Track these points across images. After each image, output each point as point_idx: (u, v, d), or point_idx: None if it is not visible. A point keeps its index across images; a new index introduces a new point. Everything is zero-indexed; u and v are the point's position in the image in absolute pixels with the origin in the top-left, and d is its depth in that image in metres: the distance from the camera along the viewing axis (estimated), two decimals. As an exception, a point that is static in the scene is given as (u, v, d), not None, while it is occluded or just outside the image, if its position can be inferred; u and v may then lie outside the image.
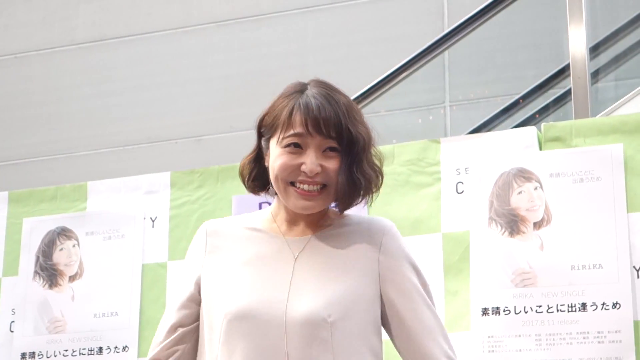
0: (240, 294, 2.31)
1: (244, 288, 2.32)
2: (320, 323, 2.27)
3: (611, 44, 4.97)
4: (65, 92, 7.07)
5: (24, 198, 4.11)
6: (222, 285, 2.34)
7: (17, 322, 3.96)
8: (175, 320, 2.38)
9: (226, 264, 2.37)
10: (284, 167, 2.32)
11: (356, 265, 2.37)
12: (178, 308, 2.39)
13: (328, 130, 2.32)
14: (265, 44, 6.73)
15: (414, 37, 6.12)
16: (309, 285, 2.31)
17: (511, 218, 3.42)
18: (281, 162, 2.33)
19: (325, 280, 2.33)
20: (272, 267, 2.35)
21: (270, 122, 2.37)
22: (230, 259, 2.38)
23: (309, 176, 2.32)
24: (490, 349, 3.34)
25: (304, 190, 2.33)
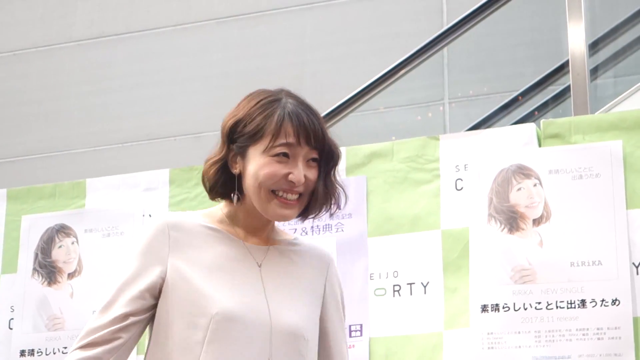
0: (225, 295, 2.30)
1: (224, 290, 2.31)
2: (301, 337, 2.34)
3: (610, 40, 4.97)
4: (64, 90, 7.07)
5: (22, 195, 4.11)
6: (200, 284, 2.31)
7: (16, 319, 3.96)
8: (128, 309, 2.31)
9: (195, 261, 2.34)
10: (272, 176, 2.33)
11: (310, 286, 2.44)
12: (133, 297, 2.32)
13: (316, 142, 2.35)
14: (264, 41, 6.73)
15: (413, 34, 6.11)
16: (282, 297, 2.36)
17: (510, 215, 3.42)
18: (269, 171, 2.33)
19: (294, 296, 2.39)
20: (241, 272, 2.36)
21: (252, 130, 2.36)
22: (198, 257, 2.35)
23: (294, 186, 2.34)
24: (489, 345, 3.34)
25: (286, 200, 2.35)
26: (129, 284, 2.34)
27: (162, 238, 2.36)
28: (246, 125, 2.37)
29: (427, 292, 3.49)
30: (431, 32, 5.19)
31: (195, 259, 2.34)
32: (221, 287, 2.31)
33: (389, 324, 3.51)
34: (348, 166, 3.69)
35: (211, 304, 2.28)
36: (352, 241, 3.60)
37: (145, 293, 2.32)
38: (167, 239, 2.35)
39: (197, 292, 2.30)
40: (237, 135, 2.38)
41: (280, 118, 2.34)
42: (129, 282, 2.34)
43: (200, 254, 2.35)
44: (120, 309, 2.32)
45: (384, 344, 3.49)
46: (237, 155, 2.38)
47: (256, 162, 2.34)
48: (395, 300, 3.52)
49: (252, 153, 2.36)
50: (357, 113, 5.08)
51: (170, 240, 2.35)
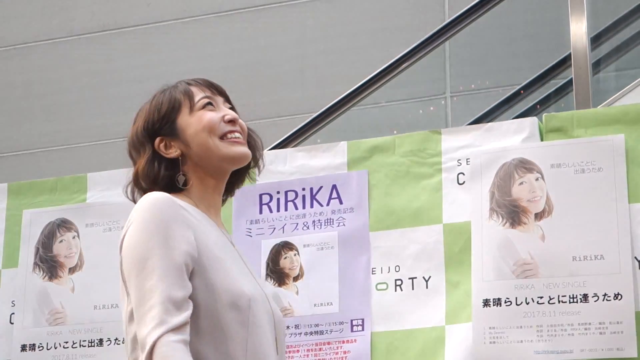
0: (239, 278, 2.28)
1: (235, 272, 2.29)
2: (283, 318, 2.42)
3: (612, 34, 4.96)
4: (65, 83, 7.07)
5: (23, 190, 4.10)
6: (223, 264, 2.27)
7: (17, 314, 3.96)
8: (185, 292, 2.15)
9: (207, 241, 2.28)
10: (211, 121, 2.38)
11: None
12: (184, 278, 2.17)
13: (223, 93, 2.48)
14: (265, 34, 6.73)
15: (415, 27, 6.11)
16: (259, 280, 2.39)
17: (512, 209, 3.42)
18: (206, 118, 2.38)
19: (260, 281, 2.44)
20: (232, 256, 2.35)
21: (167, 109, 2.42)
22: (205, 237, 2.29)
23: (234, 124, 2.40)
24: (491, 340, 3.34)
25: (236, 138, 2.39)
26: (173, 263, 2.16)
27: (177, 210, 2.24)
28: (158, 112, 2.43)
29: (428, 287, 3.49)
30: (433, 25, 5.18)
31: (204, 239, 2.28)
32: (233, 270, 2.28)
33: (391, 319, 3.50)
34: (350, 160, 3.69)
35: (242, 285, 2.24)
36: (354, 235, 3.60)
37: (187, 272, 2.18)
38: (181, 214, 2.25)
39: (226, 274, 2.24)
40: (155, 127, 2.42)
41: (185, 84, 2.46)
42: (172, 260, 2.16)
43: (205, 235, 2.30)
44: (181, 292, 2.15)
45: (386, 339, 3.49)
46: (168, 140, 2.39)
47: (191, 123, 2.39)
48: (397, 294, 3.52)
49: (182, 121, 2.40)
50: (359, 107, 5.07)
51: (186, 221, 2.25)
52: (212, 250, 2.27)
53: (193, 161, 2.39)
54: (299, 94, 6.61)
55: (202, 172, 2.40)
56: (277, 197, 3.73)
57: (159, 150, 2.40)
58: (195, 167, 2.39)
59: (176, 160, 2.38)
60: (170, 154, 2.39)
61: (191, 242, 2.21)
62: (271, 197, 3.74)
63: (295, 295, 3.61)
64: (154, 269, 2.15)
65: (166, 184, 2.38)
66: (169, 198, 2.26)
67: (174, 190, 2.38)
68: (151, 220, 2.22)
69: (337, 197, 3.66)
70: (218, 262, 2.26)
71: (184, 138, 2.39)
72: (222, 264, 2.26)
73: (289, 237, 3.67)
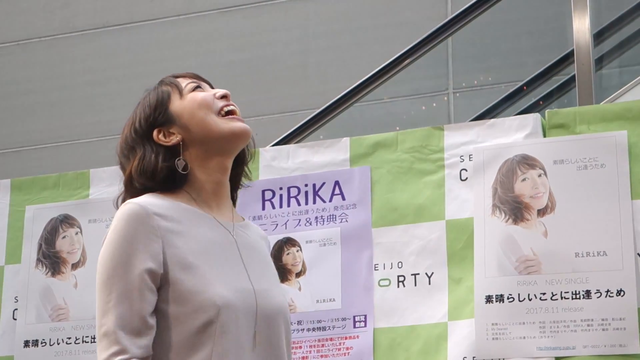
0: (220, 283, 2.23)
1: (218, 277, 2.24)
2: (284, 315, 2.34)
3: (615, 30, 4.96)
4: (67, 80, 7.07)
5: (26, 185, 4.10)
6: (198, 274, 2.22)
7: (20, 310, 3.96)
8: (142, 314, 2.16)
9: (184, 249, 2.24)
10: (205, 99, 2.36)
11: (271, 262, 2.46)
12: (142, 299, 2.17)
13: (206, 81, 2.46)
14: (268, 30, 6.72)
15: (417, 23, 6.10)
16: (261, 277, 2.33)
17: (515, 205, 3.41)
18: (199, 97, 2.37)
19: (269, 274, 2.38)
20: (225, 254, 2.31)
21: (155, 103, 2.39)
22: (186, 243, 2.25)
23: (227, 99, 2.39)
24: (494, 336, 3.34)
25: (232, 112, 2.37)
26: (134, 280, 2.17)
27: (148, 224, 2.22)
28: (149, 106, 2.40)
29: (431, 283, 3.49)
30: (435, 21, 5.18)
31: (184, 245, 2.24)
32: (215, 274, 2.24)
33: (393, 315, 3.50)
34: (352, 156, 3.69)
35: (213, 294, 2.20)
36: (357, 231, 3.60)
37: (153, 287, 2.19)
38: (155, 225, 2.23)
39: (198, 283, 2.21)
40: (149, 121, 2.38)
41: (169, 77, 2.45)
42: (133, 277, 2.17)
43: (187, 239, 2.26)
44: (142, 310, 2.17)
45: (388, 335, 3.49)
46: (166, 129, 2.36)
47: (185, 105, 2.37)
48: (399, 290, 3.52)
49: (174, 107, 2.38)
50: (361, 103, 5.07)
51: (160, 230, 2.23)
52: (186, 259, 2.22)
53: (195, 145, 2.35)
54: (302, 90, 6.60)
55: (203, 155, 2.35)
56: (280, 194, 3.73)
57: (158, 140, 2.36)
58: (197, 152, 2.35)
59: (175, 148, 2.34)
60: (171, 141, 2.35)
61: (156, 258, 2.20)
62: (274, 193, 3.74)
63: (297, 292, 3.62)
64: (112, 291, 2.16)
65: (165, 176, 2.33)
66: (140, 209, 2.23)
67: (170, 185, 2.34)
68: (119, 235, 2.22)
69: (340, 193, 3.66)
70: (190, 272, 2.21)
71: (181, 123, 2.35)
72: (195, 274, 2.21)
73: (291, 233, 3.67)
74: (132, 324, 2.15)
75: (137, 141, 2.37)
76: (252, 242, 2.40)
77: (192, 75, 2.45)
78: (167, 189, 2.33)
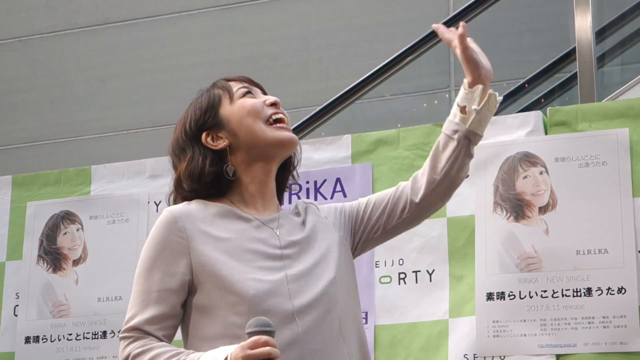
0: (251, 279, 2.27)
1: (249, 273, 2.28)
2: (329, 304, 2.31)
3: (617, 28, 4.95)
4: (69, 76, 7.07)
5: (27, 182, 4.11)
6: (227, 271, 2.28)
7: (21, 306, 3.96)
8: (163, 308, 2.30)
9: (216, 248, 2.31)
10: (254, 106, 2.39)
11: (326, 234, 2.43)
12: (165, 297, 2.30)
13: (257, 84, 2.48)
14: (269, 28, 6.72)
15: (419, 20, 6.10)
16: (303, 266, 2.33)
17: (516, 202, 3.41)
18: (249, 104, 2.39)
19: (317, 258, 2.36)
20: (260, 250, 2.33)
21: (206, 106, 2.42)
22: (217, 243, 2.32)
23: (277, 107, 2.41)
24: (495, 333, 3.34)
25: (280, 122, 2.39)
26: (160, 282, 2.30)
27: (176, 232, 2.32)
28: (200, 109, 2.43)
29: (432, 280, 3.49)
30: (437, 18, 5.17)
31: (215, 245, 2.31)
32: (247, 271, 2.28)
33: (394, 312, 3.51)
34: (354, 153, 3.69)
35: (244, 290, 2.25)
36: (358, 229, 3.60)
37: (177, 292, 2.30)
38: (183, 231, 2.32)
39: (227, 280, 2.27)
40: (199, 124, 2.42)
41: (221, 80, 2.47)
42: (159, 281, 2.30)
43: (218, 239, 2.32)
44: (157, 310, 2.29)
45: (389, 332, 3.49)
46: (214, 132, 2.40)
47: (234, 111, 2.40)
48: (400, 288, 3.52)
49: (224, 112, 2.41)
50: (363, 100, 5.07)
51: (187, 232, 2.32)
52: (222, 255, 2.29)
53: (241, 150, 2.39)
54: (304, 87, 6.60)
55: (248, 161, 2.39)
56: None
57: (206, 144, 2.40)
58: (243, 157, 2.39)
59: (223, 152, 2.39)
60: (218, 145, 2.39)
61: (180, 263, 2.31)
62: (275, 190, 3.73)
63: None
64: (136, 290, 2.33)
65: (211, 181, 2.38)
66: (171, 218, 2.33)
67: (216, 190, 2.39)
68: (150, 240, 2.35)
69: (341, 190, 3.66)
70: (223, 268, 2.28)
71: (229, 128, 2.39)
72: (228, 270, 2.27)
73: (292, 230, 3.67)
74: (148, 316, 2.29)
75: (187, 142, 2.42)
76: (298, 227, 2.40)
77: (245, 79, 2.48)
78: (213, 194, 2.39)
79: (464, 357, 3.37)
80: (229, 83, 2.45)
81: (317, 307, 2.29)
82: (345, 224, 2.46)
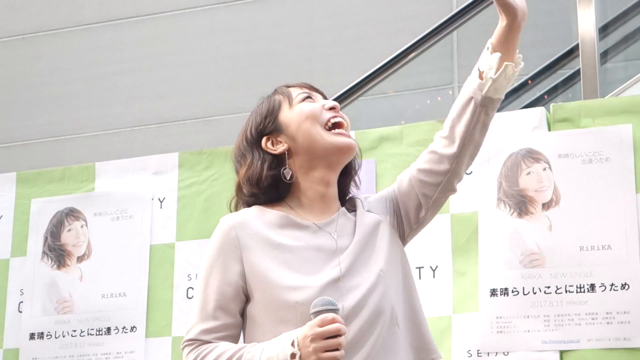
0: (302, 285, 2.29)
1: (301, 280, 2.30)
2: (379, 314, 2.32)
3: (620, 24, 4.95)
4: (73, 73, 7.07)
5: (32, 179, 4.11)
6: (277, 278, 2.31)
7: (26, 302, 3.97)
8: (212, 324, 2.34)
9: (268, 256, 2.34)
10: (313, 110, 2.41)
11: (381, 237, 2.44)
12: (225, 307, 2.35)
13: (318, 90, 2.49)
14: (273, 24, 6.72)
15: (423, 17, 6.10)
16: (357, 276, 2.34)
17: (520, 199, 3.42)
18: (308, 108, 2.41)
19: (371, 265, 2.37)
20: (315, 257, 2.34)
21: (267, 111, 2.46)
22: (271, 251, 2.35)
23: (336, 110, 2.42)
24: (498, 329, 3.34)
25: (338, 126, 2.41)
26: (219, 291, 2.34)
27: (230, 240, 2.36)
28: (260, 114, 2.47)
29: (436, 276, 3.49)
30: (441, 15, 5.18)
31: (268, 253, 2.34)
32: (298, 277, 2.30)
33: (398, 308, 3.50)
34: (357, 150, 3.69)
35: (292, 297, 2.27)
36: (361, 225, 3.60)
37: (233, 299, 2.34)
38: (236, 240, 2.36)
39: (276, 287, 2.29)
40: (259, 129, 2.45)
41: (282, 87, 2.50)
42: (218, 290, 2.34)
43: (272, 247, 2.35)
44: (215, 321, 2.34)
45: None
46: (274, 137, 2.43)
47: (293, 116, 2.43)
48: (404, 284, 3.52)
49: (283, 116, 2.44)
50: (367, 97, 5.07)
51: (240, 241, 2.35)
52: (273, 262, 2.32)
53: (300, 155, 2.42)
54: (307, 83, 6.60)
55: (307, 165, 2.41)
56: (285, 187, 3.73)
57: (266, 148, 2.43)
58: (301, 162, 2.42)
59: (282, 157, 2.41)
60: (277, 150, 2.42)
61: (233, 271, 2.35)
62: (279, 186, 3.73)
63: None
64: (196, 295, 2.38)
65: (270, 185, 2.41)
66: (227, 228, 2.37)
67: (275, 195, 2.42)
68: (208, 252, 2.39)
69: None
70: (273, 275, 2.31)
71: (288, 132, 2.42)
72: (278, 276, 2.30)
73: (296, 227, 3.67)
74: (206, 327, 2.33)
75: (247, 148, 2.45)
76: (354, 229, 2.41)
77: (305, 85, 2.50)
78: (272, 199, 2.42)
79: (467, 352, 3.38)
80: (289, 89, 2.47)
81: (367, 307, 2.30)
82: (393, 210, 2.48)
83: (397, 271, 2.41)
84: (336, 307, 2.17)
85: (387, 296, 2.33)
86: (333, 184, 2.45)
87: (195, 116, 6.73)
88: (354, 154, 2.44)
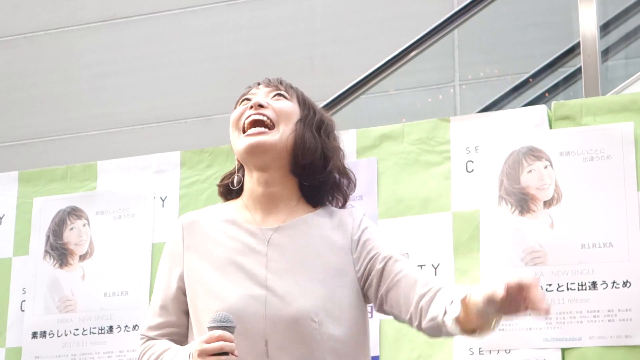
0: (226, 290, 2.33)
1: (228, 285, 2.34)
2: (305, 321, 2.33)
3: (622, 22, 4.95)
4: (75, 72, 7.07)
5: (34, 178, 4.12)
6: (209, 282, 2.37)
7: (28, 301, 3.97)
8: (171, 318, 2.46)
9: (207, 258, 2.40)
10: (234, 115, 2.47)
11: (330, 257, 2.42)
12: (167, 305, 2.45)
13: (272, 82, 2.51)
14: (274, 23, 6.72)
15: (424, 15, 6.10)
16: (287, 283, 2.35)
17: (521, 197, 3.42)
18: (234, 114, 2.48)
19: (305, 278, 2.36)
20: (248, 263, 2.37)
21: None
22: (210, 254, 2.41)
23: (254, 108, 2.43)
24: (500, 327, 3.33)
25: (252, 126, 2.41)
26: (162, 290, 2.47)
27: (176, 241, 2.47)
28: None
29: (437, 274, 3.49)
30: (442, 13, 5.18)
31: (207, 256, 2.41)
32: (226, 283, 2.35)
33: (400, 306, 3.50)
34: (359, 148, 3.69)
35: (214, 301, 2.33)
36: (363, 223, 3.60)
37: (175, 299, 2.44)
38: (181, 241, 2.46)
39: (207, 290, 2.36)
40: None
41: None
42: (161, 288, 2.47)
43: (212, 251, 2.41)
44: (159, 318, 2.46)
45: (394, 326, 3.49)
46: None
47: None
48: (405, 282, 3.52)
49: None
50: (368, 95, 5.07)
51: (185, 243, 2.44)
52: (210, 266, 2.39)
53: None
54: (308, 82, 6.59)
55: (246, 168, 2.49)
56: (287, 185, 3.73)
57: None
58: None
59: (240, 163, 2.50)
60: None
61: (177, 275, 2.44)
62: (280, 185, 3.74)
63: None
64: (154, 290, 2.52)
65: (226, 187, 2.54)
66: (178, 229, 2.48)
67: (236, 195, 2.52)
68: (163, 251, 2.52)
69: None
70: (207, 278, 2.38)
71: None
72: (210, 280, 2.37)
73: (298, 225, 3.68)
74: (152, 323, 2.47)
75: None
76: (300, 242, 2.40)
77: (257, 83, 2.55)
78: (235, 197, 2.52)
79: (469, 350, 3.38)
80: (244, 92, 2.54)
81: (290, 330, 2.30)
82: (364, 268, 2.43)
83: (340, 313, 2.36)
84: (231, 324, 2.21)
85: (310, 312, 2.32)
86: (276, 184, 2.44)
87: (196, 115, 6.73)
88: (259, 151, 2.41)
